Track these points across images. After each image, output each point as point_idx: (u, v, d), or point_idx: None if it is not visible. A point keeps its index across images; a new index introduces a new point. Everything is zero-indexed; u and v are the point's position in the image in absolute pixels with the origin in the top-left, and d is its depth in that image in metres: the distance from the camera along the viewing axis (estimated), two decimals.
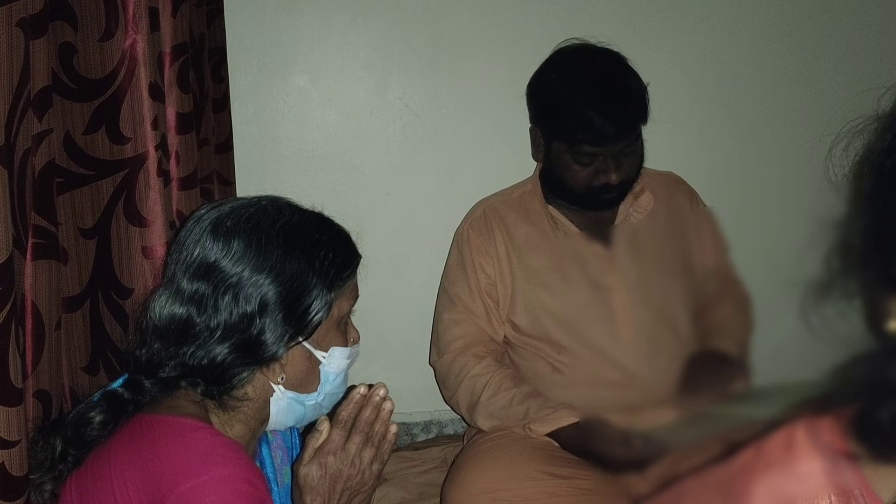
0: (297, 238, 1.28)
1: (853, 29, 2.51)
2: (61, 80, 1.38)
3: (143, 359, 1.26)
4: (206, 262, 1.25)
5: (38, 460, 1.19)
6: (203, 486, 1.12)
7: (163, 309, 1.25)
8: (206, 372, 1.24)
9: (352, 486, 1.29)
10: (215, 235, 1.26)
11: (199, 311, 1.23)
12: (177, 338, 1.24)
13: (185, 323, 1.24)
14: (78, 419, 1.23)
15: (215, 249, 1.25)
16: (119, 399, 1.24)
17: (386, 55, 2.34)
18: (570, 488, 1.80)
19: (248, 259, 1.24)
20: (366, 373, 1.86)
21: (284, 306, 1.25)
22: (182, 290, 1.25)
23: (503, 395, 1.93)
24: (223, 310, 1.23)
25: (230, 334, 1.23)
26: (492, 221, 2.07)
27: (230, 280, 1.23)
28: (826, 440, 0.76)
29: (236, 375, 1.26)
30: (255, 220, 1.28)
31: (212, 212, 1.30)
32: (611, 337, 1.98)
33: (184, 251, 1.27)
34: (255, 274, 1.24)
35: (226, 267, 1.24)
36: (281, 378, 1.29)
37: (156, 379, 1.25)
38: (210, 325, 1.23)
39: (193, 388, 1.26)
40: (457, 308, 2.05)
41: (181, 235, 1.30)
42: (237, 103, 2.16)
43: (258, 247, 1.25)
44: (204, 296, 1.24)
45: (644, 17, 2.40)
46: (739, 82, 2.49)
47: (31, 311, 1.23)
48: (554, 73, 1.99)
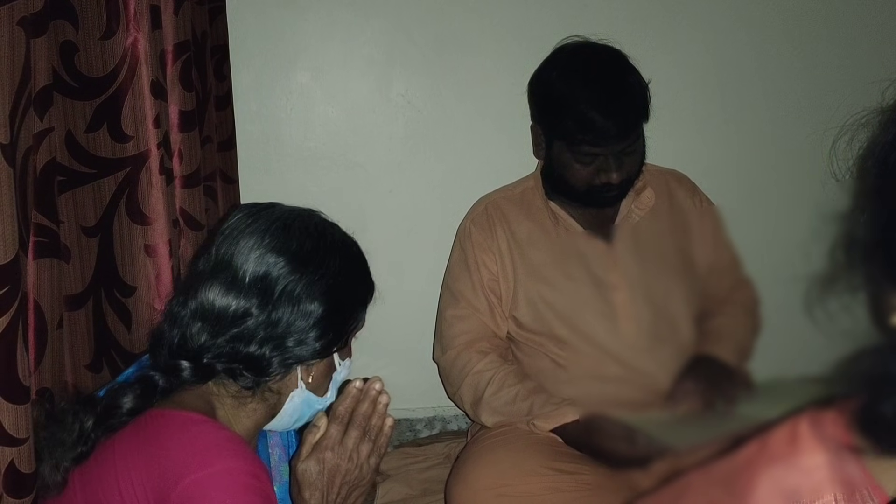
0: (349, 254, 1.35)
1: (856, 21, 2.50)
2: (62, 79, 1.38)
3: (177, 341, 1.27)
4: (270, 260, 1.27)
5: (62, 437, 1.19)
6: (207, 479, 1.13)
7: (216, 297, 1.26)
8: (254, 362, 1.26)
9: (350, 480, 1.30)
10: (283, 235, 1.29)
11: (260, 303, 1.25)
12: (230, 326, 1.25)
13: (243, 313, 1.25)
14: (110, 401, 1.24)
15: (282, 249, 1.27)
16: (154, 386, 1.26)
17: (389, 52, 2.34)
18: (575, 484, 1.80)
19: (313, 262, 1.28)
20: (370, 369, 1.86)
21: (335, 313, 1.30)
22: (241, 282, 1.26)
23: (507, 392, 1.93)
24: (282, 306, 1.26)
25: (287, 330, 1.26)
26: (494, 217, 2.07)
27: (293, 280, 1.26)
28: (830, 433, 0.76)
29: (277, 370, 1.28)
30: (321, 228, 1.33)
31: (268, 212, 1.32)
32: (612, 332, 1.98)
33: (240, 244, 1.28)
34: (317, 279, 1.28)
35: (290, 267, 1.27)
36: (311, 378, 1.34)
37: (197, 364, 1.26)
38: (270, 319, 1.25)
39: (231, 377, 1.28)
40: (460, 304, 2.05)
41: (234, 227, 1.31)
42: (240, 101, 2.16)
43: (324, 253, 1.30)
44: (267, 290, 1.26)
45: (646, 12, 2.40)
46: (742, 76, 2.49)
47: (33, 309, 1.24)
48: (554, 72, 1.98)
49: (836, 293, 0.78)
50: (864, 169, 0.75)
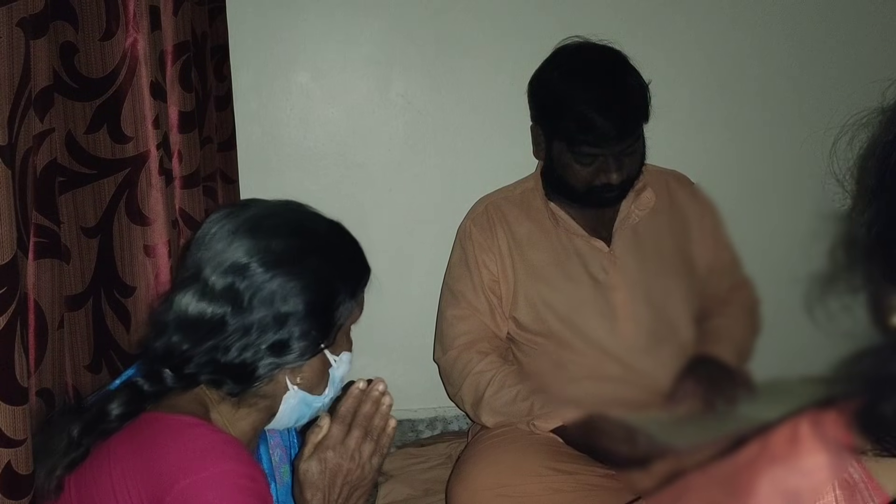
0: (328, 245, 1.31)
1: (856, 21, 2.50)
2: (62, 80, 1.38)
3: (161, 351, 1.25)
4: (241, 262, 1.24)
5: (52, 446, 1.19)
6: (203, 482, 1.12)
7: (189, 305, 1.24)
8: (235, 369, 1.24)
9: (352, 480, 1.30)
10: (253, 235, 1.26)
11: (233, 309, 1.23)
12: (206, 335, 1.23)
13: (217, 321, 1.23)
14: (98, 409, 1.22)
15: (252, 249, 1.25)
16: (139, 391, 1.24)
17: (388, 52, 2.34)
18: (575, 484, 1.80)
19: (285, 261, 1.25)
20: (370, 369, 1.86)
21: (316, 311, 1.26)
22: (212, 288, 1.24)
23: (507, 392, 1.94)
24: (258, 310, 1.23)
25: (263, 335, 1.24)
26: (494, 218, 2.07)
27: (266, 280, 1.23)
28: (830, 434, 0.76)
29: (262, 375, 1.26)
30: (294, 223, 1.30)
31: (241, 211, 1.30)
32: (612, 333, 1.98)
33: (212, 249, 1.26)
34: (292, 277, 1.24)
35: (262, 267, 1.24)
36: (300, 379, 1.31)
37: (178, 374, 1.25)
38: (244, 324, 1.23)
39: (215, 387, 1.26)
40: (460, 304, 2.05)
41: (206, 232, 1.29)
42: (240, 101, 2.16)
43: (297, 250, 1.27)
44: (238, 294, 1.23)
45: (645, 13, 2.39)
46: (742, 76, 2.49)
47: (33, 310, 1.23)
48: (554, 72, 1.98)
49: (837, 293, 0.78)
50: (865, 169, 0.75)
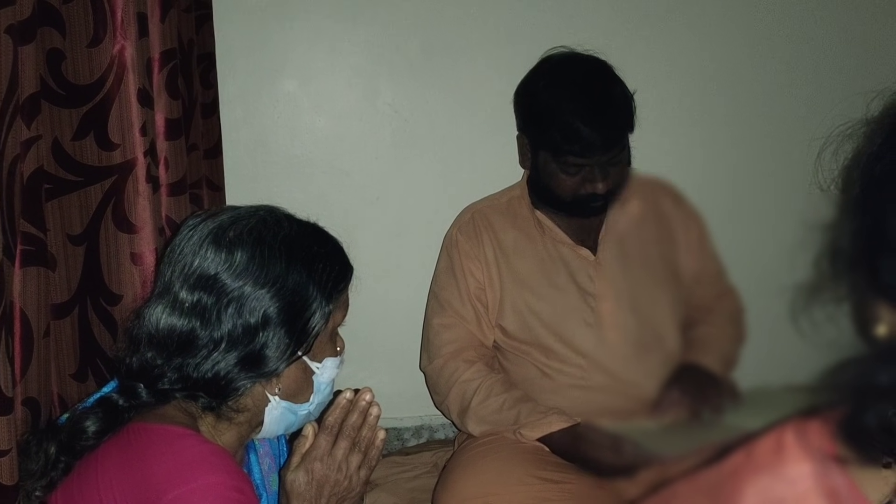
0: (297, 250, 1.27)
1: (842, 34, 2.52)
2: (49, 87, 1.37)
3: (136, 366, 1.24)
4: (208, 274, 1.23)
5: (29, 467, 1.18)
6: (191, 494, 1.11)
7: (160, 320, 1.23)
8: (208, 384, 1.23)
9: (339, 491, 1.29)
10: (217, 246, 1.24)
11: (201, 323, 1.22)
12: (177, 350, 1.22)
13: (187, 335, 1.22)
14: (72, 427, 1.21)
15: (217, 261, 1.23)
16: (115, 407, 1.23)
17: (375, 60, 2.34)
18: (561, 493, 1.80)
19: (251, 271, 1.23)
20: (356, 378, 1.86)
21: (287, 319, 1.24)
22: (181, 302, 1.23)
23: (494, 400, 1.93)
24: (226, 322, 1.22)
25: (234, 347, 1.22)
26: (480, 226, 2.07)
27: (233, 292, 1.22)
28: (815, 443, 0.76)
29: (237, 388, 1.24)
30: (258, 231, 1.26)
31: (209, 221, 1.28)
32: (598, 341, 1.98)
33: (181, 261, 1.25)
34: (259, 286, 1.23)
35: (228, 279, 1.22)
36: (278, 389, 1.29)
37: (152, 389, 1.23)
38: (213, 337, 1.21)
39: (192, 401, 1.25)
40: (447, 313, 2.05)
41: (176, 244, 1.28)
42: (226, 109, 2.15)
43: (261, 259, 1.24)
44: (206, 308, 1.22)
45: (633, 21, 2.40)
46: (729, 87, 2.50)
47: (19, 318, 1.23)
48: (540, 82, 1.98)
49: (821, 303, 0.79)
50: (849, 179, 0.76)
